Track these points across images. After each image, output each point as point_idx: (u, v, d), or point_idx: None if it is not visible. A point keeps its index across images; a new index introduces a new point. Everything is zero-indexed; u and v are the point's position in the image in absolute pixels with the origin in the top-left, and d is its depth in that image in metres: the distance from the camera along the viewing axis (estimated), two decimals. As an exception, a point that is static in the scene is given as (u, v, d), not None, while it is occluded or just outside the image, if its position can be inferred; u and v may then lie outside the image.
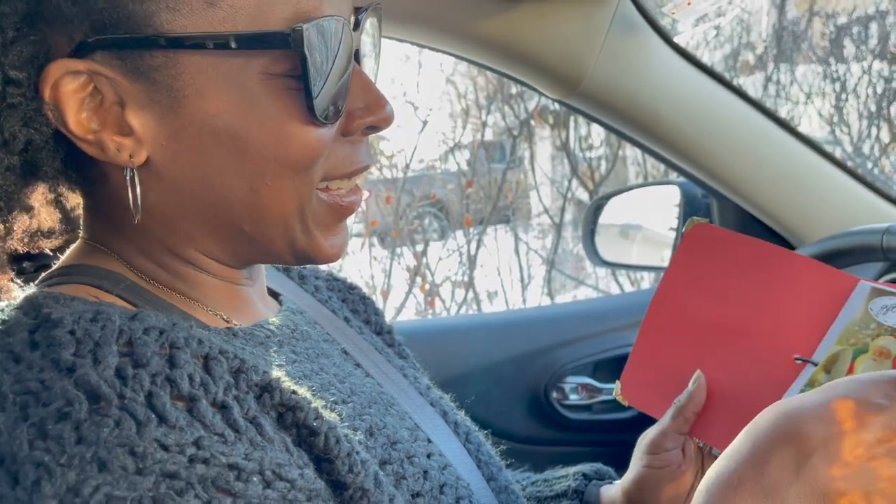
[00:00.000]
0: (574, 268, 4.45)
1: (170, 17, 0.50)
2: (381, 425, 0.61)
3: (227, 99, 0.52)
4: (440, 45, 1.23)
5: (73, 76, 0.50)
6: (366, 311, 0.82)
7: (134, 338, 0.48)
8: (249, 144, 0.52)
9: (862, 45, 3.80)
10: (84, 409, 0.44)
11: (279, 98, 0.52)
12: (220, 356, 0.51)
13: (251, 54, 0.51)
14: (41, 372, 0.46)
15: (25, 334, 0.48)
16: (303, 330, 0.66)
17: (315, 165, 0.55)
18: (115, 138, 0.52)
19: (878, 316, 0.65)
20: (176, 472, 0.44)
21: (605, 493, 0.79)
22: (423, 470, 0.61)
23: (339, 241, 0.59)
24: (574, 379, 1.49)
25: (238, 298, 0.62)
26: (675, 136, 1.26)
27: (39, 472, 0.43)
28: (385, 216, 4.02)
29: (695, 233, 0.77)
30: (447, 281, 3.99)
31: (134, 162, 0.52)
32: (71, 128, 0.51)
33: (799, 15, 3.96)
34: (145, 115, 0.52)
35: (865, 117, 3.72)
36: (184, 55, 0.50)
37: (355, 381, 0.65)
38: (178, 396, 0.47)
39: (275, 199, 0.54)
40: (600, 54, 1.18)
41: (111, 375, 0.46)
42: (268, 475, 0.47)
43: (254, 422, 0.49)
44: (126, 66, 0.51)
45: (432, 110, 4.16)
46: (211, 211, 0.55)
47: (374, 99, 0.57)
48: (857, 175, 1.27)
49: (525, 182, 4.48)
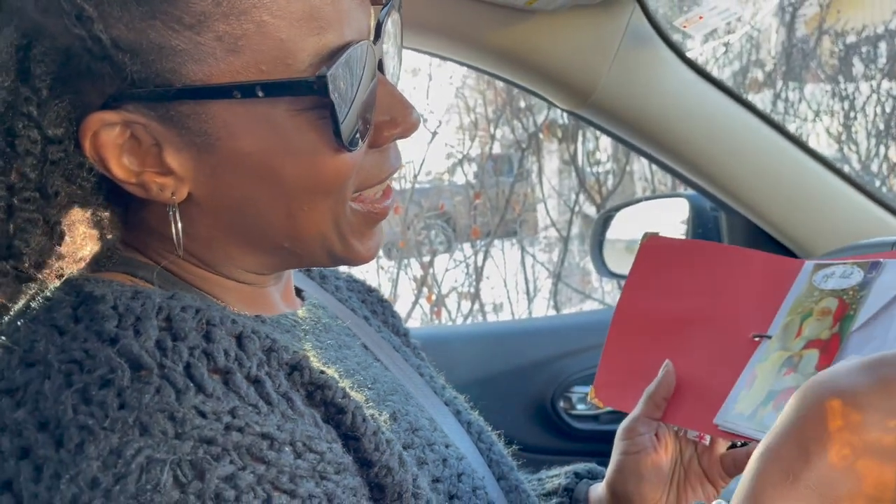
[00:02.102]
0: (580, 281, 4.45)
1: (195, 67, 0.50)
2: (403, 412, 0.63)
3: (258, 138, 0.52)
4: (454, 55, 1.25)
5: (110, 127, 0.52)
6: (384, 312, 0.83)
7: (172, 314, 0.50)
8: (283, 178, 0.53)
9: (871, 64, 3.81)
10: (126, 376, 0.45)
11: (307, 132, 0.53)
12: (253, 335, 0.52)
13: (275, 98, 0.52)
14: (85, 342, 0.47)
15: (69, 310, 0.49)
16: (325, 322, 0.67)
17: (346, 184, 0.56)
18: (157, 179, 0.53)
19: (819, 285, 0.72)
20: (213, 438, 0.45)
21: (593, 490, 0.80)
22: (442, 458, 0.62)
23: (374, 244, 0.61)
24: (581, 389, 1.49)
25: (263, 296, 0.63)
26: (685, 148, 1.27)
27: (83, 435, 0.44)
28: (393, 226, 4.04)
29: (650, 244, 0.83)
30: (453, 292, 4.00)
31: (176, 199, 0.54)
32: (115, 174, 0.52)
33: (808, 33, 3.98)
34: (182, 156, 0.53)
35: (874, 136, 3.72)
36: (211, 103, 0.51)
37: (376, 371, 0.67)
38: (215, 369, 0.49)
39: (311, 219, 0.56)
40: (612, 66, 1.20)
41: (152, 346, 0.47)
42: (299, 446, 0.48)
43: (285, 396, 0.51)
44: (158, 115, 0.51)
45: (441, 123, 4.18)
46: (251, 234, 0.57)
47: (399, 109, 0.57)
48: (866, 189, 1.27)
49: (532, 195, 4.49)
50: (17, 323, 0.50)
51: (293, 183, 0.54)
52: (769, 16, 4.04)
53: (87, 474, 0.43)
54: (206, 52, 0.50)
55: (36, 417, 0.45)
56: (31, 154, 0.51)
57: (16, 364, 0.48)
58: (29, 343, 0.49)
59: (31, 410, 0.46)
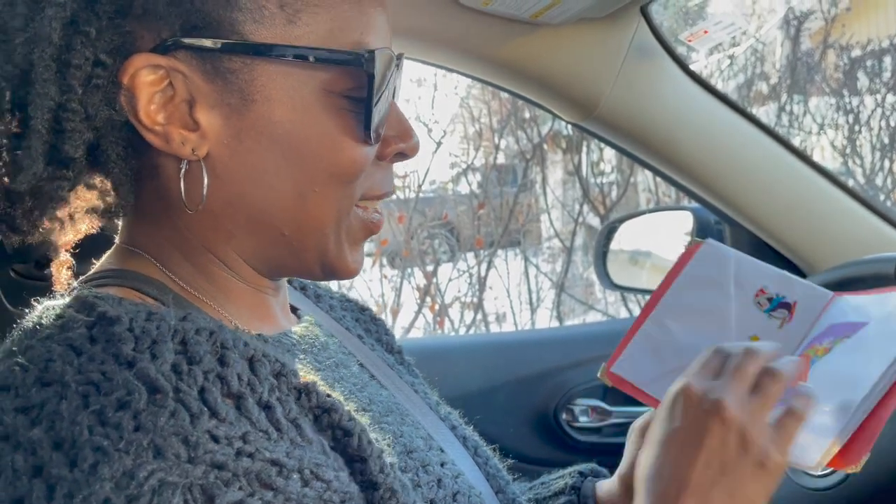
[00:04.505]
0: (584, 292, 4.44)
1: (254, 27, 0.54)
2: (398, 434, 0.63)
3: (290, 108, 0.56)
4: (459, 67, 1.25)
5: (152, 69, 0.54)
6: (377, 330, 0.84)
7: (187, 337, 0.50)
8: (305, 152, 0.56)
9: (876, 77, 3.81)
10: (143, 399, 0.46)
11: (335, 115, 0.57)
12: (264, 358, 0.53)
13: (318, 71, 0.56)
14: (102, 364, 0.48)
15: (84, 330, 0.50)
16: (322, 340, 0.68)
17: (357, 180, 0.59)
18: (181, 131, 0.55)
19: None
20: (224, 463, 0.46)
21: (600, 487, 0.81)
22: (437, 478, 0.62)
23: (360, 258, 0.64)
24: (584, 401, 1.49)
25: (263, 306, 0.64)
26: (690, 161, 1.27)
27: (97, 456, 0.44)
28: (396, 235, 4.04)
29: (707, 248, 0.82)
30: (456, 302, 3.99)
31: (198, 154, 0.56)
32: (140, 116, 0.54)
33: (813, 47, 3.98)
34: (214, 113, 0.55)
35: (878, 150, 3.72)
36: (260, 63, 0.55)
37: (372, 391, 0.67)
38: (228, 393, 0.49)
39: (319, 206, 0.58)
40: (617, 79, 1.20)
41: (168, 370, 0.48)
42: (306, 474, 0.49)
43: (294, 423, 0.51)
44: (204, 67, 0.55)
45: (446, 132, 4.19)
46: (256, 210, 0.58)
47: (405, 129, 0.62)
48: (870, 204, 1.27)
49: (536, 206, 4.49)
50: (31, 341, 0.51)
51: (312, 163, 0.57)
52: (774, 29, 4.05)
53: (100, 495, 0.43)
54: (266, 16, 0.54)
55: (51, 437, 0.46)
56: (81, 69, 0.53)
57: (31, 382, 0.48)
58: (44, 362, 0.49)
59: (47, 430, 0.46)
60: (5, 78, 0.53)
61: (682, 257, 0.83)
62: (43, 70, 0.52)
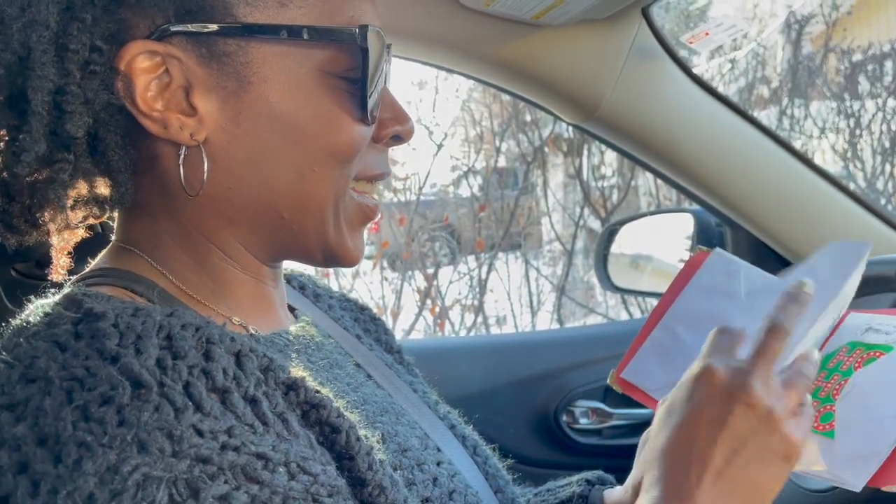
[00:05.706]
0: (584, 295, 4.44)
1: (246, 10, 0.55)
2: (392, 433, 0.63)
3: (287, 89, 0.56)
4: (460, 68, 1.25)
5: (148, 56, 0.54)
6: (376, 330, 0.84)
7: (173, 332, 0.50)
8: (303, 131, 0.57)
9: (877, 81, 3.81)
10: (127, 394, 0.46)
11: (332, 94, 0.57)
12: (251, 353, 0.53)
13: (314, 50, 0.56)
14: (86, 360, 0.48)
15: (69, 326, 0.50)
16: (318, 341, 0.68)
17: (354, 160, 0.60)
18: (179, 116, 0.56)
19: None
20: (209, 457, 0.45)
21: (608, 495, 0.80)
22: (432, 477, 0.62)
23: (360, 246, 0.64)
24: (584, 403, 1.48)
25: (264, 298, 0.64)
26: (691, 163, 1.27)
27: (81, 452, 0.44)
28: (397, 238, 4.04)
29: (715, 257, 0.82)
30: (457, 304, 3.99)
31: (196, 140, 0.56)
32: (138, 103, 0.55)
33: (814, 50, 3.98)
34: (210, 97, 0.56)
35: (879, 153, 3.72)
36: (254, 45, 0.55)
37: (367, 390, 0.67)
38: (213, 388, 0.49)
39: (317, 186, 0.59)
40: (618, 81, 1.20)
41: (152, 365, 0.48)
42: (293, 467, 0.48)
43: (281, 417, 0.51)
44: (200, 52, 0.55)
45: (447, 135, 4.19)
46: (256, 194, 0.58)
47: (400, 113, 0.63)
48: (871, 206, 1.27)
49: (537, 208, 4.49)
50: (19, 339, 0.51)
51: (310, 143, 0.57)
52: (775, 33, 4.05)
53: (84, 490, 0.43)
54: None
55: (35, 433, 0.46)
56: (79, 54, 0.53)
57: (16, 379, 0.48)
58: (30, 359, 0.49)
59: (31, 426, 0.46)
60: (3, 65, 0.53)
61: (689, 265, 0.83)
62: (41, 54, 0.52)
